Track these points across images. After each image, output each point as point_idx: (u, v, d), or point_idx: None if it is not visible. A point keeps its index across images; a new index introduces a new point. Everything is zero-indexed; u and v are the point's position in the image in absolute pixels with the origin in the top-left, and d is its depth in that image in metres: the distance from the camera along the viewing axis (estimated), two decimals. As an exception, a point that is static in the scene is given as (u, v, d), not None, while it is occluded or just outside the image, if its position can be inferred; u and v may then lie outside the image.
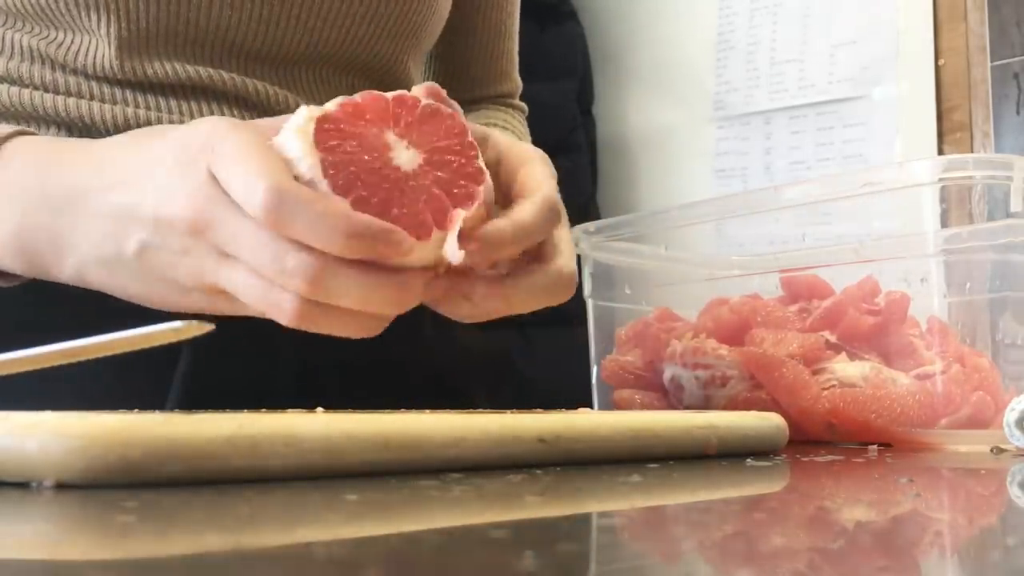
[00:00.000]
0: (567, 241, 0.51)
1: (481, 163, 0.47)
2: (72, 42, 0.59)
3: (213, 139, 0.44)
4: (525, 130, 0.83)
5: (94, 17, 0.58)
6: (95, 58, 0.59)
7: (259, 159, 0.42)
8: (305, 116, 0.43)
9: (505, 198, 0.50)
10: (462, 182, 0.45)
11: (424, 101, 0.46)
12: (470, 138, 0.47)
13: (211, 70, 0.61)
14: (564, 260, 0.49)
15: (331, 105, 0.44)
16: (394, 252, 0.42)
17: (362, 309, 0.43)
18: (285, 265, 0.42)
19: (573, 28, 1.88)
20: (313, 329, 0.45)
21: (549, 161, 0.53)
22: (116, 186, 0.47)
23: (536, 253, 0.49)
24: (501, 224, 0.46)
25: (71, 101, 0.59)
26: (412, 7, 0.67)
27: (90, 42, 0.59)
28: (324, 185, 0.42)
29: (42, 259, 0.50)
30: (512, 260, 0.48)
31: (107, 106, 0.59)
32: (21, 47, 0.60)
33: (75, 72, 0.60)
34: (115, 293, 0.50)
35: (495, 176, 0.49)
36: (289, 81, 0.65)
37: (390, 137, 0.44)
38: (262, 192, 0.41)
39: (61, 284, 0.52)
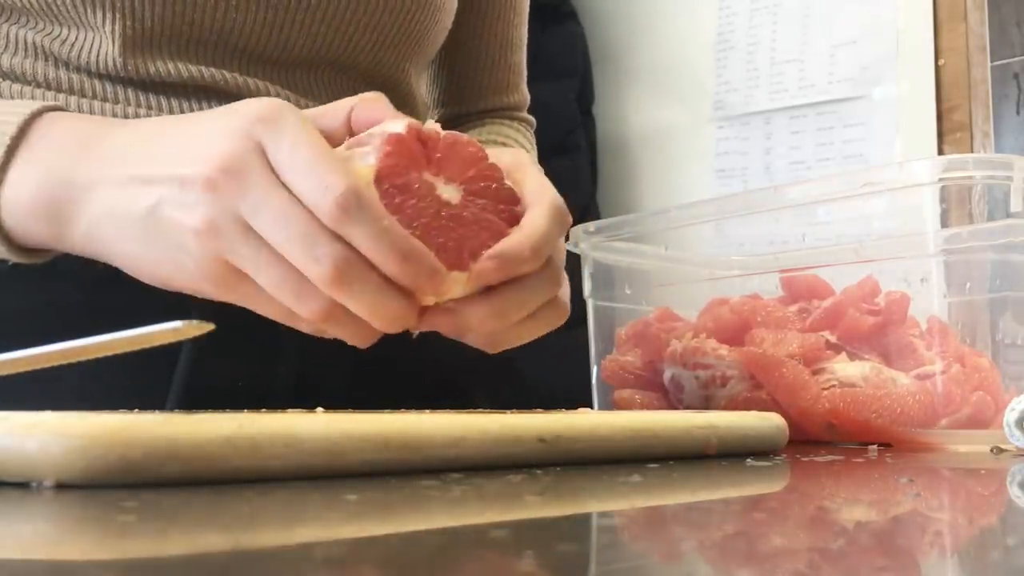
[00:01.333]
0: (560, 258, 0.51)
1: (509, 183, 0.47)
2: (76, 39, 0.59)
3: (277, 114, 0.43)
4: (532, 145, 0.83)
5: (99, 14, 0.58)
6: (99, 55, 0.59)
7: (333, 157, 0.42)
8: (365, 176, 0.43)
9: None
10: (502, 205, 0.47)
11: (443, 132, 0.47)
12: (491, 160, 0.47)
13: (214, 70, 0.61)
14: (556, 270, 0.49)
15: (372, 158, 0.44)
16: (432, 287, 0.43)
17: (368, 318, 0.44)
18: (316, 249, 0.42)
19: (573, 28, 1.88)
20: (325, 330, 0.45)
21: (536, 163, 0.53)
22: (151, 144, 0.46)
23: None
24: (517, 240, 0.46)
25: (73, 99, 0.59)
26: (415, 18, 0.67)
27: (94, 39, 0.59)
28: None
29: (60, 212, 0.48)
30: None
31: (109, 104, 0.59)
32: (25, 43, 0.60)
33: (78, 70, 0.60)
34: (115, 260, 0.48)
35: None
36: (291, 82, 0.65)
37: (428, 177, 0.45)
38: (342, 191, 0.41)
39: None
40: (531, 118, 0.86)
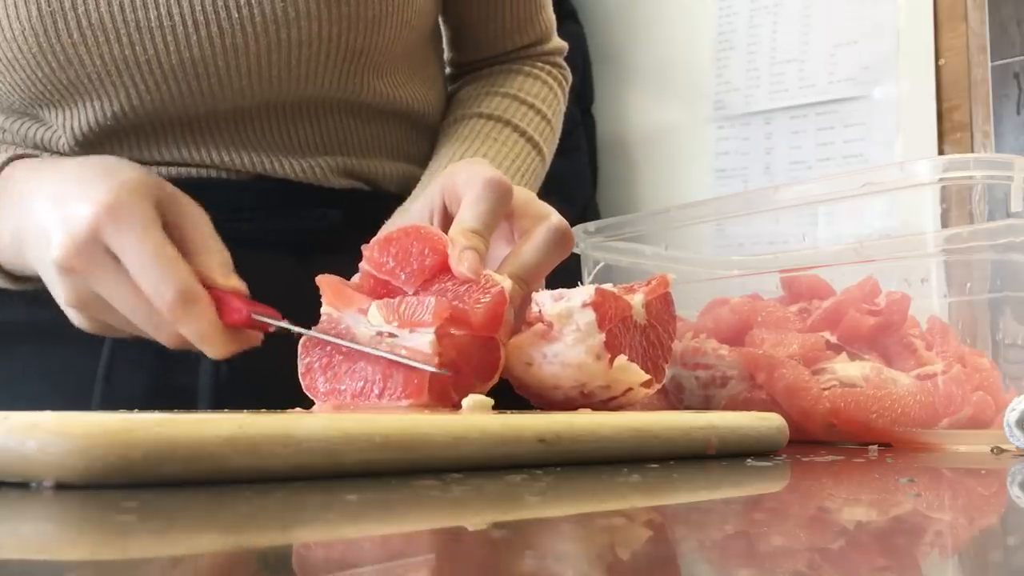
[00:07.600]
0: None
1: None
2: (33, 129, 0.64)
3: (122, 208, 0.51)
4: (549, 90, 0.79)
5: (51, 112, 0.62)
6: (56, 143, 0.64)
7: (165, 258, 0.50)
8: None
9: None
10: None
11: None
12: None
13: (166, 151, 0.64)
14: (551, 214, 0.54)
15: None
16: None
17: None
18: (160, 330, 0.52)
19: (573, 27, 1.88)
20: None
21: (557, 217, 0.54)
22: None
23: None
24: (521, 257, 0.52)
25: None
26: (349, 38, 0.64)
27: (49, 130, 0.64)
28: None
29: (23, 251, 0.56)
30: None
31: None
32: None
33: (36, 147, 0.65)
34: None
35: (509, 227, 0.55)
36: (246, 141, 0.65)
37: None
38: (172, 297, 0.50)
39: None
40: (557, 44, 0.81)
